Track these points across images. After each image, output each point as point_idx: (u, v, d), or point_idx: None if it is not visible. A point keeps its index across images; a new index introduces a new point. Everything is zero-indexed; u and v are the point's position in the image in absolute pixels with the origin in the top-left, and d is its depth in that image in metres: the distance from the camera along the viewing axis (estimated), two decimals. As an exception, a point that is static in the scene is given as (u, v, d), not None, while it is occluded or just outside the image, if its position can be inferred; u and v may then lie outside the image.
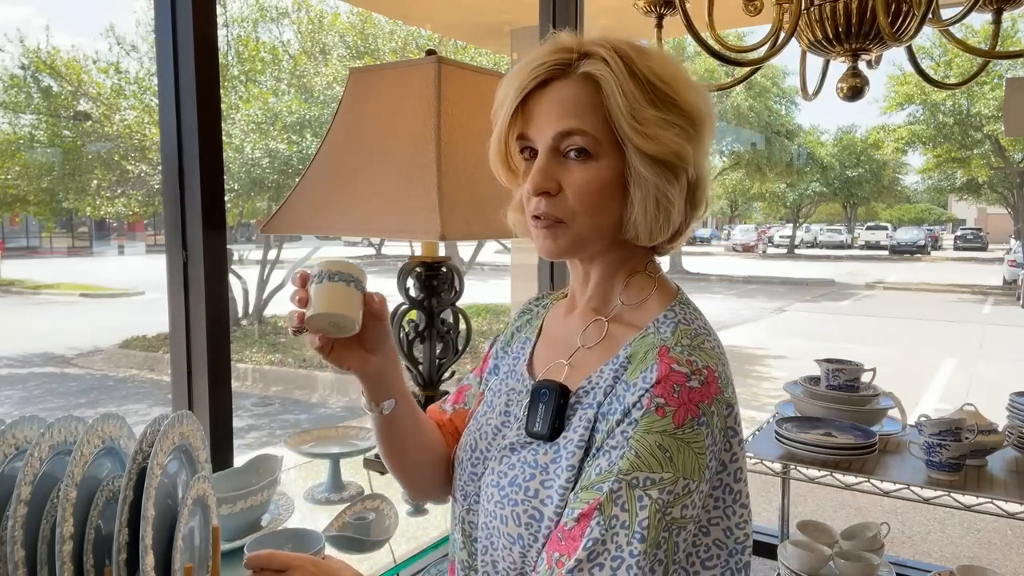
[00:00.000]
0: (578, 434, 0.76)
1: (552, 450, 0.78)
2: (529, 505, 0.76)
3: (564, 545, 0.71)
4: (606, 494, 0.70)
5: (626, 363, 0.77)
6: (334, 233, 1.40)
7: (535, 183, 0.77)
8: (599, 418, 0.76)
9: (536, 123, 0.78)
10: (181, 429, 1.00)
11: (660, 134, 0.74)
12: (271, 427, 6.33)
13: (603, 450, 0.73)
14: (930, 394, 6.88)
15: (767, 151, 20.39)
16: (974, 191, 23.83)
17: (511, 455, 0.81)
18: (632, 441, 0.71)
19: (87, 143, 9.66)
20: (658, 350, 0.75)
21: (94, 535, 0.88)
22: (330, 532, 1.25)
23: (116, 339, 9.02)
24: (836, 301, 15.09)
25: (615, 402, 0.75)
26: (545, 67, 0.76)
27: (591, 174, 0.76)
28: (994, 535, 3.74)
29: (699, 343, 0.76)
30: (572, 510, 0.72)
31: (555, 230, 0.78)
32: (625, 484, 0.70)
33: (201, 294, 1.42)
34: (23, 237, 22.92)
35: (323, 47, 9.99)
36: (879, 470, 1.87)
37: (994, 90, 17.28)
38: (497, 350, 1.00)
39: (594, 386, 0.79)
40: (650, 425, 0.71)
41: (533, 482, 0.77)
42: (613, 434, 0.73)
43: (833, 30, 1.35)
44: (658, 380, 0.72)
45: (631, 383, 0.74)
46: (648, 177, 0.75)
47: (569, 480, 0.75)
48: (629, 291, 0.84)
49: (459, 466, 0.91)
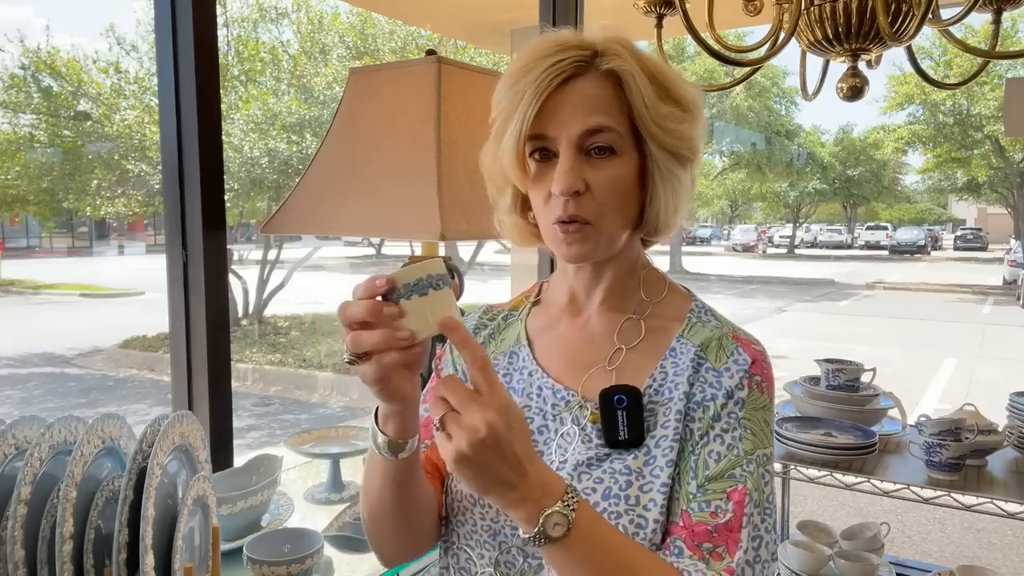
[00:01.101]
0: (671, 429, 0.76)
1: (643, 453, 0.77)
2: (634, 514, 0.74)
3: (718, 536, 0.72)
4: (750, 478, 0.73)
5: (700, 351, 0.79)
6: (334, 233, 1.40)
7: (567, 183, 0.74)
8: (691, 408, 0.77)
9: (559, 121, 0.74)
10: (181, 429, 1.00)
11: (676, 128, 0.76)
12: (271, 427, 6.33)
13: (713, 435, 0.75)
14: (930, 394, 6.88)
15: (767, 151, 20.41)
16: (974, 191, 23.83)
17: (591, 470, 0.77)
18: (745, 421, 0.75)
19: (87, 143, 9.67)
20: (731, 335, 0.80)
21: (94, 535, 0.88)
22: (330, 532, 1.25)
23: (116, 339, 9.03)
24: (836, 301, 15.09)
25: (708, 388, 0.77)
26: (567, 63, 0.74)
27: (618, 171, 0.75)
28: (994, 535, 3.74)
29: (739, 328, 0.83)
30: (708, 502, 0.73)
31: (584, 232, 0.76)
32: (756, 464, 0.74)
33: (201, 294, 1.42)
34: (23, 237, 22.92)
35: (323, 47, 9.99)
36: (879, 470, 1.87)
37: (994, 90, 17.28)
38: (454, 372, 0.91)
39: (661, 383, 0.79)
40: (755, 402, 0.76)
41: (631, 490, 0.75)
42: (719, 417, 0.75)
43: (833, 30, 1.35)
44: (754, 360, 0.78)
45: (721, 368, 0.78)
46: (671, 171, 0.77)
47: (671, 476, 0.75)
48: (648, 287, 0.85)
49: (476, 505, 0.82)
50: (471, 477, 0.63)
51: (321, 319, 10.35)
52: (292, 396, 7.40)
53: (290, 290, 10.16)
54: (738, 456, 0.74)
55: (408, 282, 0.64)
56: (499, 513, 0.79)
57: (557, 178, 0.74)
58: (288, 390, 7.58)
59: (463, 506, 0.83)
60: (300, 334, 9.60)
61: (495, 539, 0.80)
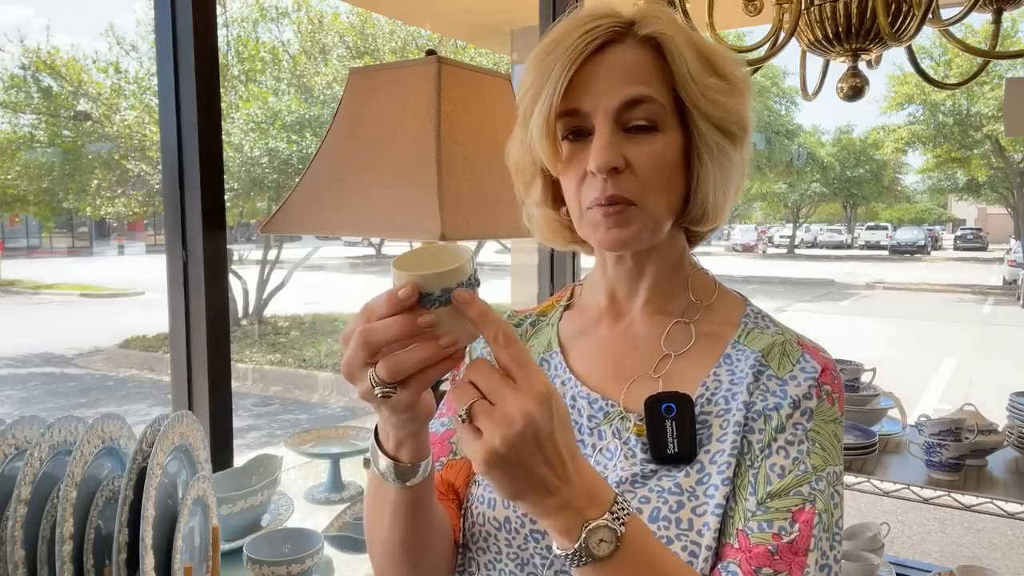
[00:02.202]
0: (728, 443, 0.68)
1: (695, 470, 0.68)
2: (688, 540, 0.65)
3: (781, 560, 0.63)
4: (820, 498, 0.65)
5: (761, 358, 0.71)
6: (334, 233, 1.40)
7: (605, 158, 0.66)
8: (751, 418, 0.69)
9: (594, 93, 0.67)
10: (181, 429, 1.00)
11: (724, 101, 0.68)
12: (271, 427, 6.33)
13: (776, 447, 0.67)
14: (930, 394, 6.88)
15: (767, 151, 20.40)
16: (974, 191, 23.85)
17: (635, 489, 0.68)
18: (813, 433, 0.67)
19: (87, 143, 9.67)
20: (796, 342, 0.72)
21: (94, 535, 0.88)
22: (330, 532, 1.25)
23: (116, 339, 9.03)
24: (836, 301, 15.10)
25: (771, 397, 0.69)
26: (602, 29, 0.67)
27: (660, 146, 0.68)
28: (994, 535, 3.74)
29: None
30: (770, 522, 0.64)
31: (627, 214, 0.68)
32: (826, 482, 0.66)
33: (201, 294, 1.42)
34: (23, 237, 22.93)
35: (323, 47, 10.00)
36: (879, 470, 1.87)
37: (994, 90, 17.29)
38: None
39: (715, 391, 0.71)
40: (825, 414, 0.68)
41: (683, 512, 0.66)
42: (783, 428, 0.67)
43: (833, 30, 1.35)
44: (824, 369, 0.70)
45: (786, 376, 0.70)
46: (721, 148, 0.69)
47: (726, 496, 0.66)
48: (696, 288, 0.77)
49: (500, 530, 0.72)
50: (502, 478, 0.54)
51: (321, 319, 10.35)
52: (292, 396, 7.40)
53: (290, 290, 10.16)
54: (806, 472, 0.66)
55: (445, 286, 0.54)
56: (527, 540, 0.70)
57: (594, 154, 0.66)
58: (288, 390, 7.58)
59: (486, 531, 0.73)
60: (300, 334, 9.60)
61: (523, 569, 0.71)
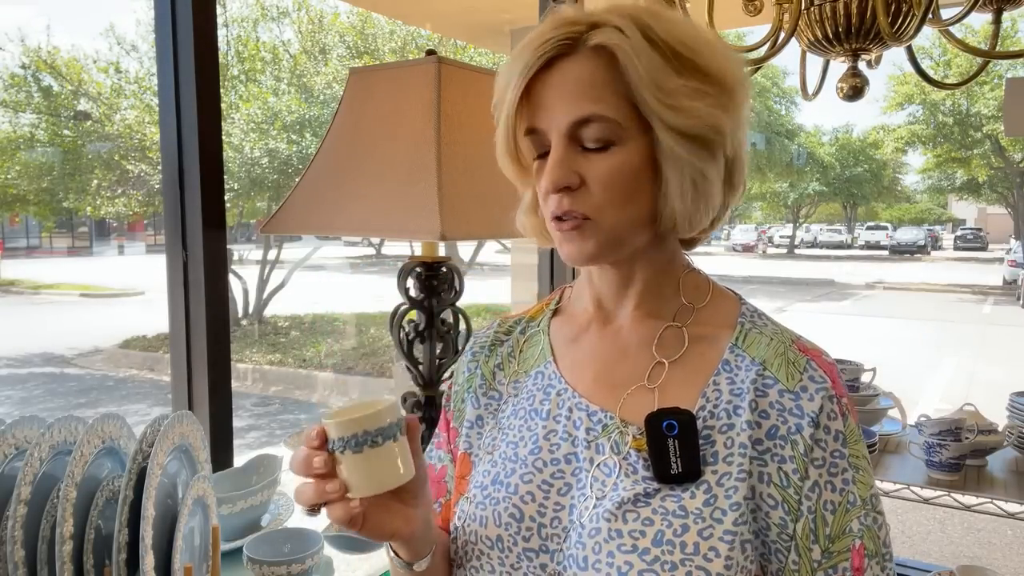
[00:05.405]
0: (736, 465, 0.65)
1: (702, 491, 0.65)
2: (693, 566, 0.62)
3: None
4: (867, 532, 0.64)
5: (762, 368, 0.68)
6: (334, 233, 1.40)
7: (553, 178, 0.66)
8: (756, 440, 0.66)
9: (546, 111, 0.66)
10: (181, 429, 1.00)
11: (691, 105, 0.64)
12: (271, 427, 6.33)
13: (823, 481, 0.64)
14: (930, 394, 6.88)
15: (767, 151, 20.39)
16: (974, 191, 23.83)
17: (639, 509, 0.65)
18: (852, 459, 0.65)
19: (87, 143, 9.66)
20: (795, 345, 0.69)
21: (94, 535, 0.88)
22: (330, 532, 1.25)
23: (116, 339, 9.02)
24: (836, 301, 15.09)
25: (780, 415, 0.66)
26: (551, 43, 0.65)
27: (617, 161, 0.65)
28: (994, 535, 3.74)
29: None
30: (835, 567, 0.64)
31: (582, 230, 0.67)
32: (870, 515, 0.65)
33: (201, 294, 1.42)
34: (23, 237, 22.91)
35: (323, 47, 9.99)
36: (879, 470, 1.87)
37: (994, 90, 17.28)
38: (464, 406, 0.80)
39: (716, 404, 0.68)
40: (854, 433, 0.66)
41: (689, 535, 0.63)
42: (811, 450, 0.64)
43: (833, 30, 1.35)
44: (833, 379, 0.67)
45: (795, 389, 0.66)
46: (683, 156, 0.65)
47: (737, 522, 0.64)
48: (688, 291, 0.74)
49: (493, 548, 0.70)
50: None
51: (321, 319, 10.36)
52: (292, 396, 7.40)
53: (290, 290, 10.16)
54: (855, 505, 0.64)
55: (342, 436, 0.59)
56: (520, 558, 0.69)
57: (545, 173, 0.67)
58: (288, 390, 7.58)
59: (479, 549, 0.72)
60: (300, 334, 9.60)
61: None
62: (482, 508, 0.72)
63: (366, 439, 0.59)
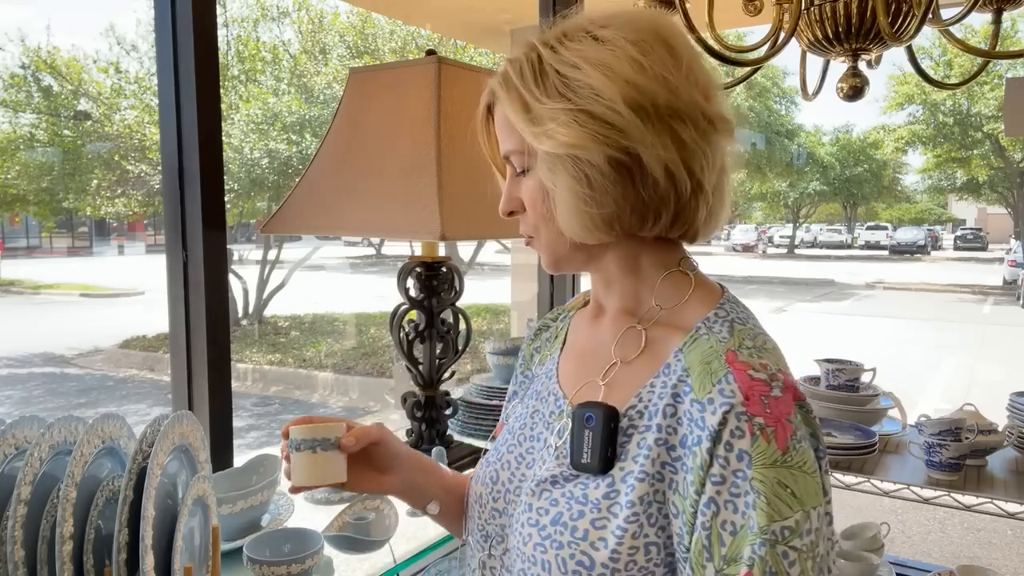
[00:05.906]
0: (639, 464, 0.67)
1: (606, 484, 0.68)
2: (577, 549, 0.67)
3: None
4: (758, 564, 0.60)
5: (685, 375, 0.67)
6: (334, 233, 1.40)
7: (500, 207, 0.79)
8: (670, 446, 0.66)
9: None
10: (181, 429, 1.00)
11: (555, 129, 0.67)
12: (271, 427, 6.33)
13: (722, 500, 0.62)
14: (930, 394, 6.88)
15: (767, 151, 20.38)
16: (974, 191, 23.81)
17: (552, 489, 0.72)
18: (756, 483, 0.61)
19: (87, 143, 9.66)
20: (725, 356, 0.66)
21: (94, 535, 0.88)
22: (330, 532, 1.25)
23: (116, 339, 9.03)
24: (836, 301, 15.09)
25: (689, 424, 0.65)
26: (487, 93, 0.78)
27: (529, 185, 0.75)
28: (994, 535, 3.74)
29: (762, 343, 0.68)
30: None
31: (534, 246, 0.79)
32: (768, 546, 0.60)
33: (201, 294, 1.42)
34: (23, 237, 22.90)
35: (323, 47, 9.99)
36: (879, 470, 1.86)
37: (994, 90, 17.28)
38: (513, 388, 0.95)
39: (647, 404, 0.70)
40: (765, 457, 0.61)
41: (582, 521, 0.68)
42: (709, 465, 0.62)
43: (833, 30, 1.35)
44: (747, 396, 0.63)
45: (703, 399, 0.65)
46: (550, 175, 0.70)
47: (630, 520, 0.66)
48: (663, 292, 0.75)
49: (477, 503, 0.82)
50: None
51: (321, 319, 10.36)
52: (292, 396, 7.40)
53: (290, 290, 10.16)
54: (752, 531, 0.60)
55: (293, 438, 0.78)
56: (492, 515, 0.80)
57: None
58: (288, 390, 7.58)
59: (469, 502, 0.86)
60: (300, 334, 9.60)
61: (487, 541, 0.81)
62: (481, 468, 0.85)
63: (311, 445, 0.77)
